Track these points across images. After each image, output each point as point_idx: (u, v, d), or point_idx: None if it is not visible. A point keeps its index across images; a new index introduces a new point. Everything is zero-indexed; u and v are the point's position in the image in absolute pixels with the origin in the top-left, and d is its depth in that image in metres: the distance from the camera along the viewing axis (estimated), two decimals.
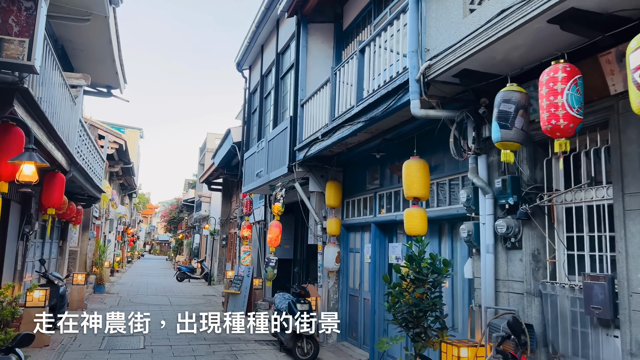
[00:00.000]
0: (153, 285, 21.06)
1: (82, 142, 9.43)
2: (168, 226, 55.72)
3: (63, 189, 7.81)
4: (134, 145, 31.47)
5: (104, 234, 23.45)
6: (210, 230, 25.01)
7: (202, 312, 13.00)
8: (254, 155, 12.65)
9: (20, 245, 7.97)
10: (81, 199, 12.30)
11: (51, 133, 6.31)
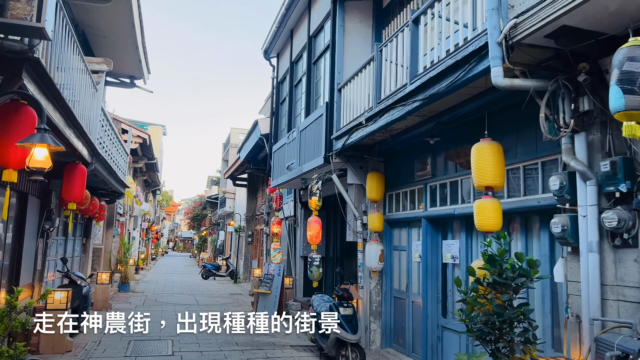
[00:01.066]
0: (178, 284, 20.60)
1: (104, 133, 8.84)
2: (191, 223, 55.69)
3: (84, 182, 7.21)
4: (157, 141, 31.06)
5: (128, 231, 23.12)
6: (235, 227, 24.48)
7: (231, 312, 12.41)
8: (283, 147, 11.94)
9: (40, 243, 7.41)
10: (104, 195, 11.78)
11: (70, 118, 5.68)
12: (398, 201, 8.04)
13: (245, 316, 10.04)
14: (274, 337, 9.40)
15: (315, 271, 9.06)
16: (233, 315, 11.41)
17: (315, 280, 9.14)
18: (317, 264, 9.07)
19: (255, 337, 9.26)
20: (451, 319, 6.47)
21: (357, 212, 8.49)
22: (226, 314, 8.49)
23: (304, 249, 12.79)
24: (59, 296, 7.43)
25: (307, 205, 13.19)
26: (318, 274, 9.06)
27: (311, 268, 9.08)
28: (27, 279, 6.98)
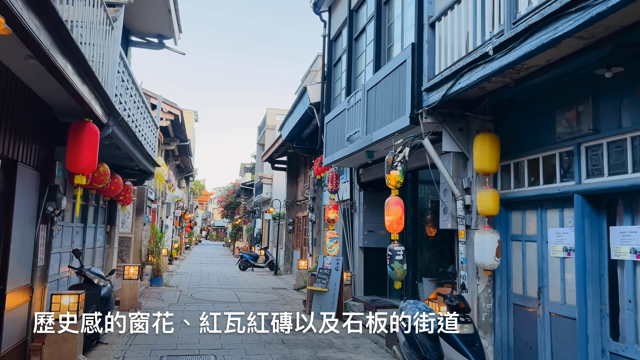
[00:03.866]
0: (215, 276, 18.89)
1: (125, 91, 6.92)
2: (225, 211, 54.44)
3: (96, 148, 5.30)
4: (189, 127, 29.30)
5: (161, 219, 21.56)
6: (273, 215, 22.62)
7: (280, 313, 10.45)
8: (341, 116, 9.83)
9: (42, 231, 5.57)
10: (130, 175, 9.95)
11: (70, 50, 3.75)
12: (519, 173, 5.84)
13: (299, 318, 8.08)
14: (342, 350, 7.38)
15: (398, 268, 6.93)
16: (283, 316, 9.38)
17: (397, 279, 7.03)
18: (399, 258, 6.94)
19: (319, 349, 7.25)
20: (633, 343, 4.29)
21: (457, 189, 6.32)
22: (274, 314, 6.68)
23: (364, 239, 10.72)
24: (67, 301, 5.57)
25: (367, 187, 11.11)
26: (402, 271, 6.94)
27: (392, 264, 6.95)
28: (22, 278, 5.15)
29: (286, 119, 15.05)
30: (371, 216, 10.77)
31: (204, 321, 9.28)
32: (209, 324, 8.88)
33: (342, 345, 7.66)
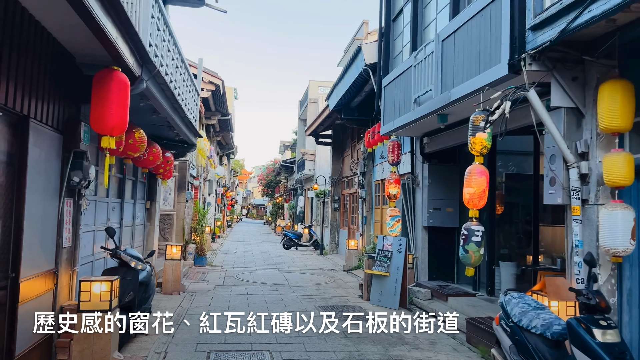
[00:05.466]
0: (259, 255, 18.14)
1: (161, 42, 5.89)
2: (265, 189, 54.04)
3: (126, 103, 4.30)
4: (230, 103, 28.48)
5: (203, 197, 20.92)
6: (317, 192, 21.59)
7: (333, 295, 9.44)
8: (404, 76, 8.56)
9: (68, 206, 4.67)
10: (170, 146, 9.05)
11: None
12: None
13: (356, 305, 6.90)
14: (417, 348, 6.28)
15: (473, 252, 5.67)
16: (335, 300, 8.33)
17: (471, 265, 5.77)
18: (477, 239, 5.67)
19: (392, 348, 6.17)
20: None
21: (571, 154, 5.01)
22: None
23: (429, 217, 9.50)
24: (98, 289, 4.68)
25: (432, 158, 9.82)
26: (478, 256, 5.69)
27: (467, 245, 5.69)
28: (43, 263, 4.27)
29: (334, 87, 13.81)
30: (437, 191, 9.53)
31: (253, 307, 8.40)
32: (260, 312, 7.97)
33: (415, 341, 6.57)
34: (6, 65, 3.37)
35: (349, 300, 9.27)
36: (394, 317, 7.93)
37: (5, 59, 3.36)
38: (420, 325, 7.41)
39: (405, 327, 7.27)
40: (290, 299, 9.20)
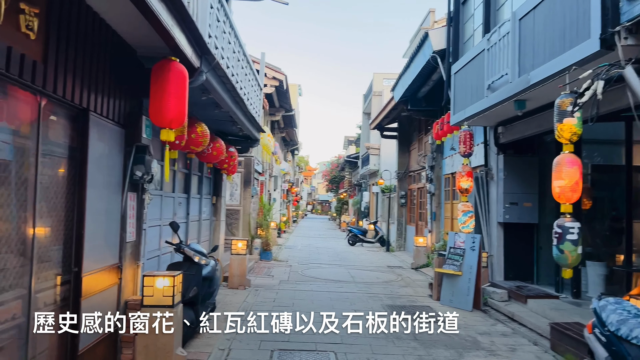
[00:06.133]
0: (324, 250, 18.00)
1: (221, 34, 5.78)
2: (329, 185, 54.10)
3: (184, 96, 4.18)
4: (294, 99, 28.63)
5: (269, 192, 21.11)
6: (382, 187, 21.10)
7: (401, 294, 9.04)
8: (476, 61, 7.98)
9: (131, 200, 4.66)
10: (234, 141, 9.02)
11: None
12: None
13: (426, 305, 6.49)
14: (494, 354, 5.78)
15: (569, 251, 5.08)
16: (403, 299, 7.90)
17: (568, 266, 5.19)
18: (573, 237, 5.08)
19: (466, 353, 5.70)
20: None
21: None
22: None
23: (505, 212, 8.84)
24: (161, 284, 4.63)
25: (507, 149, 9.12)
26: (575, 255, 5.09)
27: (561, 244, 5.12)
28: (107, 257, 4.27)
29: (400, 78, 13.32)
30: (513, 185, 8.85)
31: (318, 305, 8.19)
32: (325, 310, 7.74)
33: (492, 346, 6.05)
34: (64, 57, 3.32)
35: (418, 300, 8.83)
36: (468, 319, 7.44)
37: (63, 52, 3.31)
38: (497, 329, 6.89)
39: (481, 331, 6.78)
40: (355, 297, 8.91)
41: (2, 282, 2.90)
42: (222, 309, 7.31)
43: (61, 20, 3.28)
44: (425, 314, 7.71)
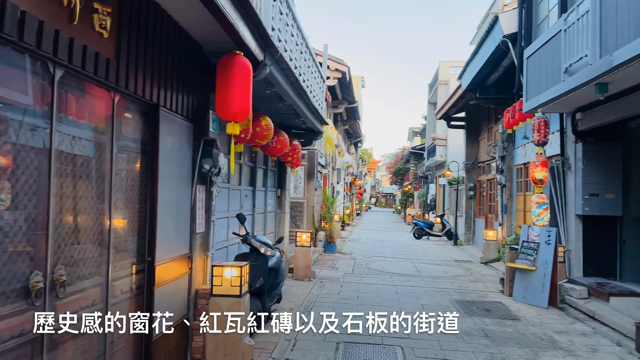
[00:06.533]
0: (389, 243, 17.80)
1: (284, 26, 5.79)
2: (393, 178, 53.43)
3: (248, 89, 4.23)
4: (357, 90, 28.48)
5: (332, 185, 21.16)
6: (449, 179, 20.50)
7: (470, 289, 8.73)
8: (551, 43, 7.49)
9: (200, 192, 4.79)
10: (297, 134, 9.08)
11: None
12: None
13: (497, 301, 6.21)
14: (573, 354, 5.42)
15: None
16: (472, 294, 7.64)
17: None
18: None
19: (542, 353, 5.39)
20: None
21: None
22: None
23: (584, 204, 8.27)
24: (229, 274, 4.73)
25: (587, 136, 8.50)
26: None
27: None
28: (179, 247, 4.42)
29: (467, 65, 12.80)
30: (594, 175, 8.26)
31: (383, 298, 8.08)
32: (391, 304, 7.62)
33: (570, 345, 5.68)
34: (135, 54, 3.45)
35: (489, 296, 8.48)
36: (543, 317, 7.04)
37: (134, 49, 3.43)
38: (575, 328, 6.46)
39: (558, 329, 6.39)
40: (422, 291, 8.71)
41: (83, 270, 3.07)
42: (287, 299, 7.40)
43: (132, 19, 3.40)
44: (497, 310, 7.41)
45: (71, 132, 2.95)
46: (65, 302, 2.86)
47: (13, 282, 2.47)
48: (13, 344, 2.45)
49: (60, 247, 2.83)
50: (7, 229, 2.44)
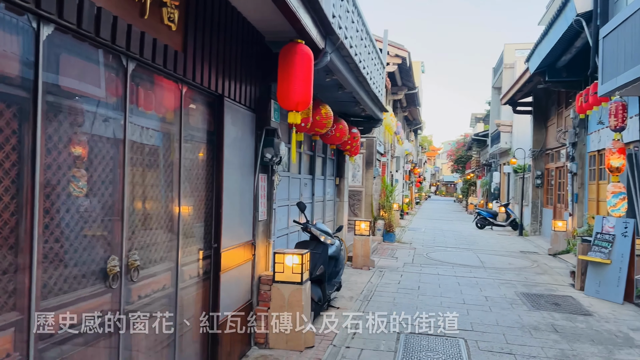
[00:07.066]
0: (450, 233, 17.40)
1: (344, 13, 5.73)
2: (455, 166, 52.02)
3: (309, 78, 4.23)
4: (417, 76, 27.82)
5: (391, 173, 20.92)
6: (515, 167, 19.67)
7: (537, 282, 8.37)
8: (631, 21, 6.94)
9: (262, 181, 4.87)
10: (356, 122, 9.01)
11: None
12: None
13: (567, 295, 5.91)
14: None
15: None
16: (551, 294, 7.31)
17: None
18: None
19: (617, 351, 5.08)
20: None
21: None
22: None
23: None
24: (291, 261, 4.81)
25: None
26: None
27: None
28: (242, 234, 4.53)
29: (536, 47, 12.14)
30: None
31: (445, 289, 7.92)
32: (453, 295, 7.46)
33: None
34: (201, 46, 3.53)
35: (558, 289, 8.10)
36: (618, 313, 6.63)
37: (200, 41, 3.52)
38: None
39: (634, 326, 6.00)
40: (485, 283, 8.45)
41: (154, 255, 3.21)
42: (347, 288, 7.42)
43: (198, 11, 3.48)
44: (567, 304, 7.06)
45: (142, 123, 3.07)
46: (139, 286, 3.01)
47: (92, 265, 2.63)
48: (93, 324, 2.60)
49: (134, 233, 2.97)
50: (86, 215, 2.59)
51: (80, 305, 2.52)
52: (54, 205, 2.35)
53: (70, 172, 2.47)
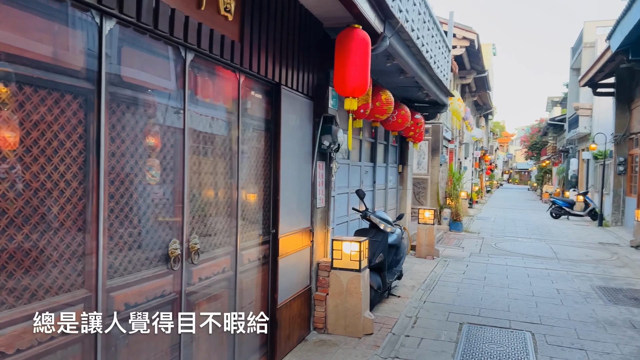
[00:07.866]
0: (521, 223, 16.64)
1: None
2: (529, 152, 49.51)
3: (366, 63, 4.17)
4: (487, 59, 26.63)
5: (459, 160, 20.28)
6: (595, 153, 18.38)
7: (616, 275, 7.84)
8: None
9: (320, 168, 4.89)
10: (420, 108, 8.79)
11: None
12: None
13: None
14: None
15: None
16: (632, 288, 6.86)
17: None
18: None
19: None
20: None
21: None
22: None
23: None
24: (349, 248, 4.81)
25: None
26: None
27: None
28: (301, 221, 4.58)
29: (618, 23, 11.21)
30: None
31: (513, 281, 7.60)
32: (521, 287, 7.15)
33: None
34: (257, 35, 3.58)
35: (638, 283, 7.52)
36: None
37: (256, 30, 3.57)
38: None
39: None
40: (558, 275, 8.01)
41: (214, 239, 3.33)
42: (409, 277, 7.33)
43: (254, 1, 3.53)
44: None
45: (201, 112, 3.18)
46: (200, 268, 3.14)
47: (155, 248, 2.77)
48: (157, 303, 2.75)
49: (195, 218, 3.10)
50: (156, 201, 2.74)
51: (143, 286, 2.67)
52: (118, 190, 2.50)
53: (142, 160, 2.62)
